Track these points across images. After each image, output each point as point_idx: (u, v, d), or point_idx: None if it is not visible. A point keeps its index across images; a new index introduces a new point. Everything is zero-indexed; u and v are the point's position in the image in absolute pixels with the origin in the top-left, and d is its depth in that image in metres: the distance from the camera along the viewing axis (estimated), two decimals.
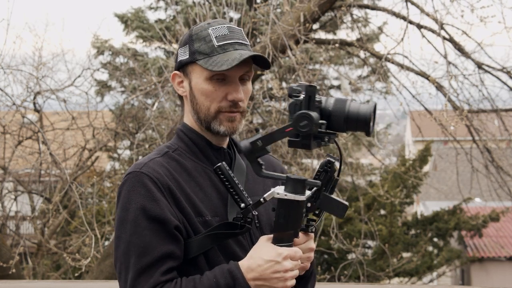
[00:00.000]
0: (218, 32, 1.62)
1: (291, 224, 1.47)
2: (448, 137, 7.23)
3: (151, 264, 1.49)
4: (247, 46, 1.64)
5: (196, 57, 1.62)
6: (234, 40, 1.62)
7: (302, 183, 1.45)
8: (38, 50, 8.00)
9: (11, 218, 8.85)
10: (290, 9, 6.00)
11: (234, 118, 1.64)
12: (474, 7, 6.06)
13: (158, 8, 12.81)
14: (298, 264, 1.49)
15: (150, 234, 1.51)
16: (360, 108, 1.42)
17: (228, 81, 1.62)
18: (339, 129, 1.44)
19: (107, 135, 8.79)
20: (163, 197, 1.54)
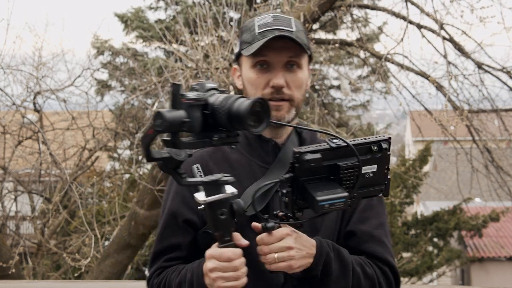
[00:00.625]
0: (262, 20, 1.62)
1: (213, 227, 1.43)
2: (448, 137, 7.23)
3: (161, 251, 1.66)
4: (291, 32, 1.59)
5: (242, 47, 1.64)
6: (276, 27, 1.59)
7: (213, 184, 1.41)
8: (38, 50, 8.00)
9: (11, 218, 8.84)
10: (290, 9, 6.00)
11: (280, 108, 1.60)
12: (473, 7, 6.06)
13: (158, 8, 12.81)
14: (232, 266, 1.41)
15: (166, 225, 1.67)
16: (241, 104, 1.32)
17: (271, 68, 1.60)
18: (225, 126, 1.36)
19: (107, 135, 8.79)
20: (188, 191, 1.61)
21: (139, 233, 6.28)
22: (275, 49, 1.57)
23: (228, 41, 6.27)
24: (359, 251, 1.65)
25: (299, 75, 1.62)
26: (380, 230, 1.69)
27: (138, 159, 9.20)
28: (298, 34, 1.60)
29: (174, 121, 1.32)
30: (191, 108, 1.35)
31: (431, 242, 12.51)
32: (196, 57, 6.48)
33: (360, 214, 1.68)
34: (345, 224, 1.68)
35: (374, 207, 1.71)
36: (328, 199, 1.35)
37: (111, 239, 6.76)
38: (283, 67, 1.60)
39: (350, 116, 14.25)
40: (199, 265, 1.51)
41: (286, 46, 1.58)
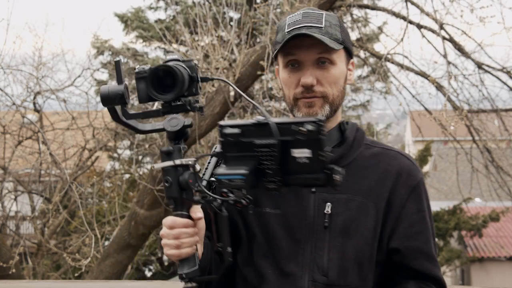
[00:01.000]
0: (292, 19, 1.60)
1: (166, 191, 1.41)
2: (448, 137, 7.23)
3: None
4: (319, 28, 1.55)
5: (275, 47, 1.62)
6: (304, 24, 1.56)
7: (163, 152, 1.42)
8: (38, 50, 8.01)
9: (11, 218, 8.84)
10: (290, 9, 6.00)
11: (312, 104, 1.57)
12: (473, 7, 6.07)
13: (158, 8, 12.81)
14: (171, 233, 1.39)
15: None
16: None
17: (301, 66, 1.58)
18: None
19: (107, 135, 8.79)
20: None
21: (139, 233, 6.28)
22: (303, 47, 1.55)
23: (228, 41, 6.27)
24: (407, 268, 1.57)
25: (332, 71, 1.58)
26: (430, 245, 1.61)
27: (138, 159, 9.20)
28: (328, 29, 1.57)
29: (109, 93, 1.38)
30: (138, 81, 1.39)
31: None
32: (196, 57, 6.48)
33: (409, 228, 1.58)
34: (388, 237, 1.58)
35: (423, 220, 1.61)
36: (226, 174, 1.28)
37: (111, 239, 6.77)
38: (314, 65, 1.57)
39: (350, 116, 14.25)
40: None
41: (314, 43, 1.54)
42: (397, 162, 1.62)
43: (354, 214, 1.54)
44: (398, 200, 1.58)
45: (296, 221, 1.55)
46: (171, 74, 1.34)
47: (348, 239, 1.53)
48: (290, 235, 1.54)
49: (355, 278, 1.53)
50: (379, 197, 1.56)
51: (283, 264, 1.54)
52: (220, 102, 5.81)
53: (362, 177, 1.57)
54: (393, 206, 1.57)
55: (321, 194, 1.55)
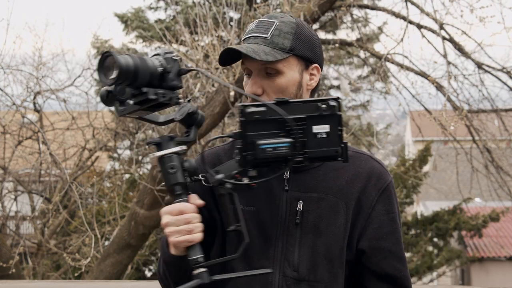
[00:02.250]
0: (250, 26, 1.64)
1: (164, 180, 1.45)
2: (448, 137, 7.24)
3: None
4: (264, 38, 1.58)
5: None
6: (251, 35, 1.60)
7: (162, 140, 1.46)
8: (38, 50, 8.01)
9: (11, 218, 8.85)
10: (290, 9, 6.01)
11: None
12: (473, 7, 6.07)
13: (158, 8, 12.81)
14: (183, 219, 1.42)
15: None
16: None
17: (251, 75, 1.62)
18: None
19: (107, 135, 8.80)
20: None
21: (139, 233, 6.28)
22: (249, 58, 1.56)
23: (228, 41, 6.28)
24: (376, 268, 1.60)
25: (277, 81, 1.59)
26: (400, 245, 1.66)
27: (138, 159, 9.20)
28: (274, 38, 1.58)
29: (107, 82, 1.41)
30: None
31: (431, 242, 12.51)
32: (196, 57, 6.48)
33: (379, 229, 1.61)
34: (357, 237, 1.60)
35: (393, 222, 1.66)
36: (270, 143, 1.34)
37: (111, 239, 6.77)
38: (261, 74, 1.59)
39: (350, 116, 14.26)
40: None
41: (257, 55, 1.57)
42: (367, 165, 1.65)
43: (325, 213, 1.56)
44: (368, 201, 1.61)
45: (268, 218, 1.57)
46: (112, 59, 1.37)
47: (318, 236, 1.56)
48: (262, 231, 1.57)
49: (325, 274, 1.56)
50: (350, 197, 1.59)
51: (255, 260, 1.57)
52: (220, 102, 5.81)
53: (334, 177, 1.60)
54: (363, 207, 1.60)
55: (293, 193, 1.58)
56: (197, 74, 6.74)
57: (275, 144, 1.34)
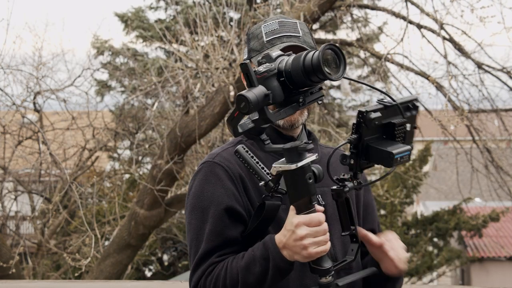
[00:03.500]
0: (269, 27, 1.65)
1: (298, 193, 1.45)
2: (448, 137, 7.23)
3: (213, 248, 1.59)
4: (298, 37, 1.63)
5: (251, 55, 1.67)
6: (282, 34, 1.63)
7: (294, 150, 1.45)
8: (38, 50, 8.01)
9: (11, 218, 8.85)
10: (290, 9, 6.00)
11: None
12: (473, 7, 6.06)
13: (158, 8, 12.80)
14: (322, 229, 1.45)
15: (217, 222, 1.60)
16: (313, 55, 1.37)
17: None
18: (305, 84, 1.41)
19: (107, 135, 8.80)
20: (233, 186, 1.62)
21: (139, 233, 6.28)
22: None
23: (228, 41, 6.28)
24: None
25: None
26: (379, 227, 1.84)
27: (138, 159, 9.20)
28: (304, 38, 1.65)
29: (258, 98, 1.36)
30: (267, 80, 1.40)
31: (431, 242, 12.51)
32: (196, 57, 6.48)
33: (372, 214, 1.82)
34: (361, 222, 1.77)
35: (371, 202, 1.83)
36: (400, 152, 1.39)
37: (111, 239, 6.77)
38: None
39: (350, 116, 14.25)
40: (271, 240, 1.51)
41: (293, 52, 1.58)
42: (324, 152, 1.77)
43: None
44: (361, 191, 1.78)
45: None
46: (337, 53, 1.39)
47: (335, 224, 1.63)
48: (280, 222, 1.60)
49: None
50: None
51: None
52: (220, 102, 5.81)
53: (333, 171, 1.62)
54: (358, 196, 1.76)
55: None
56: (197, 74, 6.74)
57: (403, 153, 1.41)
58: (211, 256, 1.59)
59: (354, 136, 1.42)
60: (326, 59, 1.37)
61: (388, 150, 1.39)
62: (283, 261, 1.48)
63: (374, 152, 1.42)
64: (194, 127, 5.75)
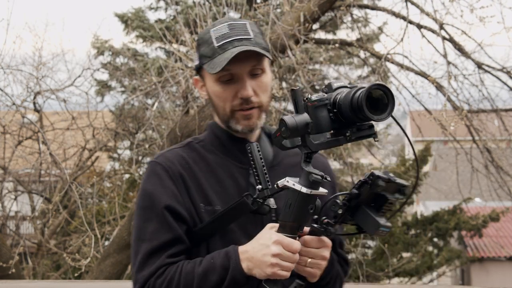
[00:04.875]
0: (218, 32, 1.62)
1: (293, 215, 1.46)
2: (448, 137, 7.23)
3: (158, 248, 1.56)
4: (249, 39, 1.60)
5: (203, 61, 1.64)
6: (233, 38, 1.60)
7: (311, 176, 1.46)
8: (38, 50, 8.02)
9: (11, 218, 8.85)
10: (290, 9, 6.00)
11: (250, 116, 1.63)
12: (473, 7, 6.06)
13: (159, 8, 12.80)
14: (294, 258, 1.46)
15: (159, 220, 1.58)
16: (360, 93, 1.37)
17: (236, 79, 1.61)
18: (352, 120, 1.40)
19: (107, 135, 8.80)
20: (174, 185, 1.61)
21: None
22: (237, 61, 1.57)
23: None
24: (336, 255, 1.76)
25: (264, 80, 1.64)
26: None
27: (138, 159, 9.20)
28: (256, 39, 1.62)
29: (298, 125, 1.38)
30: (317, 109, 1.40)
31: (431, 242, 12.51)
32: None
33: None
34: None
35: None
36: (384, 226, 1.44)
37: (111, 239, 6.76)
38: (248, 76, 1.61)
39: None
40: (234, 251, 1.50)
41: (247, 55, 1.58)
42: (319, 160, 1.73)
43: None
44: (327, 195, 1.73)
45: (246, 217, 1.61)
46: (386, 93, 1.38)
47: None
48: (243, 230, 1.61)
49: None
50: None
51: None
52: None
53: (294, 175, 1.63)
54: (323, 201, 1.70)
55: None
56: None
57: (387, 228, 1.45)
58: (157, 255, 1.56)
59: (356, 192, 1.45)
60: (374, 98, 1.36)
61: (377, 219, 1.43)
62: (241, 274, 1.47)
63: (363, 214, 1.45)
64: (194, 127, 5.75)
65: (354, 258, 8.25)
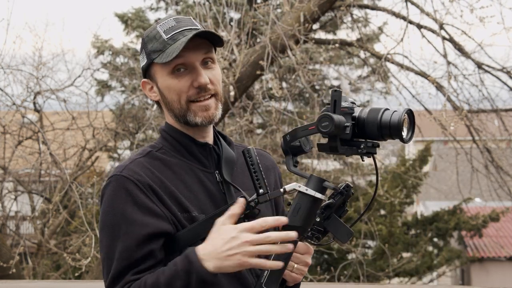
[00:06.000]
0: (165, 26, 1.61)
1: (302, 220, 1.48)
2: (448, 137, 7.24)
3: (128, 266, 1.51)
4: (197, 29, 1.59)
5: (152, 57, 1.61)
6: (182, 28, 1.59)
7: (322, 182, 1.49)
8: (38, 50, 8.01)
9: (11, 218, 8.84)
10: (290, 9, 6.01)
11: (208, 106, 1.61)
12: (473, 7, 6.07)
13: (159, 9, 12.81)
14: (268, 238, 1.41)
15: (129, 238, 1.52)
16: (392, 116, 1.46)
17: (190, 68, 1.59)
18: (374, 137, 1.48)
19: (107, 135, 8.79)
20: (147, 198, 1.55)
21: None
22: (190, 50, 1.56)
23: (228, 41, 6.27)
24: None
25: (216, 70, 1.64)
26: None
27: None
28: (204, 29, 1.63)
29: (339, 125, 1.43)
30: (346, 116, 1.47)
31: (431, 242, 12.51)
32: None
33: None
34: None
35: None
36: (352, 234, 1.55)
37: None
38: (201, 65, 1.60)
39: None
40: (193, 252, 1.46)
41: (198, 44, 1.58)
42: (268, 158, 1.80)
43: (263, 209, 1.60)
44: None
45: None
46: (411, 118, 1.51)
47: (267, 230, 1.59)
48: None
49: None
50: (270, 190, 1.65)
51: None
52: None
53: (245, 173, 1.63)
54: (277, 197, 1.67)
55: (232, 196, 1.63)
56: None
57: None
58: (125, 275, 1.51)
59: (333, 201, 1.53)
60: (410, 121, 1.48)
61: (349, 228, 1.53)
62: (206, 274, 1.43)
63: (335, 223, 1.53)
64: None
65: (354, 258, 8.25)
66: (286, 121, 7.93)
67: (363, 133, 1.48)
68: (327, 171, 7.63)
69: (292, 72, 7.45)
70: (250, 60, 5.82)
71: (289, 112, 7.85)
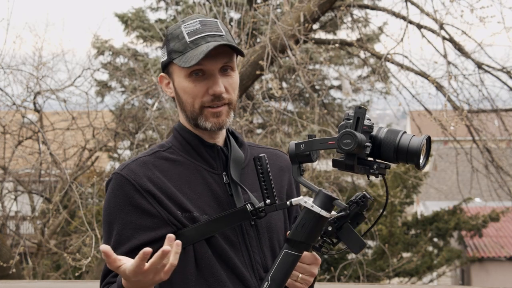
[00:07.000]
0: (190, 27, 1.61)
1: (305, 235, 1.47)
2: (448, 137, 7.23)
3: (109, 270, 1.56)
4: (221, 36, 1.60)
5: (172, 56, 1.61)
6: (206, 33, 1.59)
7: (331, 200, 1.47)
8: (38, 50, 8.01)
9: (11, 218, 8.84)
10: (290, 9, 6.01)
11: (219, 113, 1.61)
12: (473, 7, 6.07)
13: (159, 9, 12.80)
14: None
15: (116, 239, 1.56)
16: (411, 140, 1.43)
17: (207, 75, 1.59)
18: (388, 159, 1.46)
19: (107, 135, 8.79)
20: (143, 199, 1.57)
21: None
22: (210, 57, 1.56)
23: None
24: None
25: (234, 78, 1.64)
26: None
27: None
28: (227, 37, 1.62)
29: (361, 144, 1.40)
30: (365, 134, 1.45)
31: (431, 242, 12.51)
32: None
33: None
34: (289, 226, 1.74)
35: None
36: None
37: None
38: (219, 73, 1.61)
39: None
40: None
41: (220, 52, 1.58)
42: (283, 159, 1.79)
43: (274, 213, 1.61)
44: (293, 192, 1.76)
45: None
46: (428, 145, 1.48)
47: (272, 233, 1.65)
48: (225, 237, 1.60)
49: None
50: (281, 192, 1.71)
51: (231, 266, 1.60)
52: None
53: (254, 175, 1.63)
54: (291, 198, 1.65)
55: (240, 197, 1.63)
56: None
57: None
58: (107, 275, 1.56)
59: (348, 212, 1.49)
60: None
61: (362, 239, 1.49)
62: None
63: (348, 232, 1.49)
64: None
65: (354, 258, 8.24)
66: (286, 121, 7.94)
67: (378, 153, 1.45)
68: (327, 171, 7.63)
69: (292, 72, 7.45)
70: (250, 60, 5.82)
71: (289, 112, 7.85)
